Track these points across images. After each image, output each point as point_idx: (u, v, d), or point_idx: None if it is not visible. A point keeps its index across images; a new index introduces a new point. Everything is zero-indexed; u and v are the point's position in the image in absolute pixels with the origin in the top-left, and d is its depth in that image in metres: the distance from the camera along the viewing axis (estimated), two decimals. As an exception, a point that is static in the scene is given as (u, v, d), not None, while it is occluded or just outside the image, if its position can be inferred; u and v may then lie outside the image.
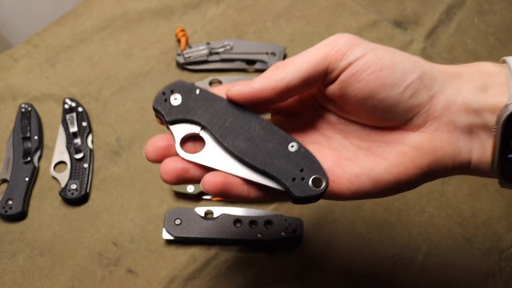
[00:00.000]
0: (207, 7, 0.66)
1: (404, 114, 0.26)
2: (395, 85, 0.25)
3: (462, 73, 0.26)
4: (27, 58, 0.61)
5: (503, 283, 0.46)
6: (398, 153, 0.26)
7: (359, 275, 0.46)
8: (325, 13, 0.66)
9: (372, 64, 0.25)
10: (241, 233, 0.47)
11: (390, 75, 0.25)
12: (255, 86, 0.27)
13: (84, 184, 0.50)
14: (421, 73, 0.25)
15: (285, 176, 0.27)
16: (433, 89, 0.25)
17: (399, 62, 0.25)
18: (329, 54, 0.26)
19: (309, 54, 0.26)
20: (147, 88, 0.59)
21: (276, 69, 0.27)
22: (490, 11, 0.67)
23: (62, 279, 0.46)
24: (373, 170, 0.27)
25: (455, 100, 0.25)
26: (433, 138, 0.26)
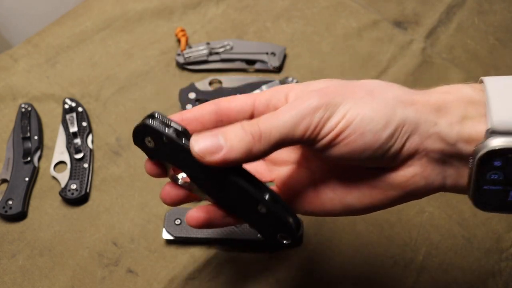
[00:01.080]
0: (207, 7, 0.66)
1: (379, 163, 0.27)
2: (365, 148, 0.25)
3: (440, 106, 0.26)
4: (27, 58, 0.61)
5: (503, 283, 0.46)
6: (370, 185, 0.28)
7: (359, 275, 0.46)
8: (325, 13, 0.66)
9: (342, 132, 0.25)
10: (241, 233, 0.47)
11: (359, 140, 0.25)
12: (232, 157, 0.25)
13: (84, 184, 0.50)
14: (393, 127, 0.25)
15: (261, 230, 0.30)
16: (406, 134, 0.25)
17: (370, 124, 0.25)
18: (306, 133, 0.25)
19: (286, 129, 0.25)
20: (147, 88, 0.59)
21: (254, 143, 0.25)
22: (490, 11, 0.67)
23: (62, 279, 0.46)
24: (345, 198, 0.29)
25: (429, 135, 0.26)
26: (405, 175, 0.27)
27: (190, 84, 0.58)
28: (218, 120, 0.29)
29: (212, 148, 0.25)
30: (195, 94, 0.57)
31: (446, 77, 0.60)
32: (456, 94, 0.27)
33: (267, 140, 0.25)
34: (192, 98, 0.56)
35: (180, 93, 0.57)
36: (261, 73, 0.61)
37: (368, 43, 0.63)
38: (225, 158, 0.25)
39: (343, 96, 0.26)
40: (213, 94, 0.57)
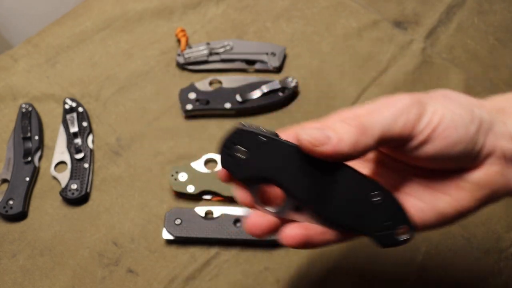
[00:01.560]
0: (207, 7, 0.66)
1: (465, 162, 0.28)
2: (458, 142, 0.27)
3: (504, 108, 0.29)
4: (27, 58, 0.61)
5: (502, 282, 0.46)
6: (458, 188, 0.29)
7: (359, 275, 0.46)
8: (325, 13, 0.66)
9: (437, 127, 0.26)
10: (241, 233, 0.47)
11: (453, 134, 0.26)
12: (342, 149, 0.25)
13: (84, 184, 0.51)
14: (478, 123, 0.27)
15: (370, 230, 0.27)
16: (485, 131, 0.27)
17: (460, 118, 0.27)
18: (405, 129, 0.26)
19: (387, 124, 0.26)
20: (147, 88, 0.59)
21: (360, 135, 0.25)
22: (490, 11, 0.67)
23: (63, 279, 0.46)
24: (438, 205, 0.29)
25: (502, 134, 0.28)
26: (488, 173, 0.28)
27: (190, 84, 0.58)
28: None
29: (322, 139, 0.25)
30: (195, 94, 0.57)
31: (446, 77, 0.60)
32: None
33: (371, 134, 0.25)
34: (192, 98, 0.56)
35: (180, 93, 0.57)
36: (261, 73, 0.61)
37: (368, 43, 0.63)
38: (335, 149, 0.25)
39: (427, 98, 0.28)
40: (213, 94, 0.57)
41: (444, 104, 0.27)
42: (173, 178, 0.50)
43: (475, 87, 0.60)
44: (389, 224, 0.27)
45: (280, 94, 0.57)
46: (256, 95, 0.56)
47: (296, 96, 0.58)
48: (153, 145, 0.54)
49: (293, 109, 0.58)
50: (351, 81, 0.60)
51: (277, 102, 0.57)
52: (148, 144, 0.55)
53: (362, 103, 0.60)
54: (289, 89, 0.57)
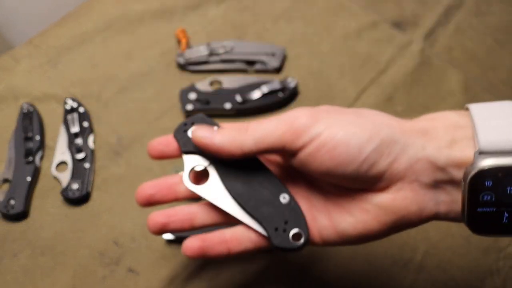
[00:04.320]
0: (208, 8, 0.67)
1: (364, 183, 0.27)
2: (350, 162, 0.26)
3: (427, 130, 0.26)
4: (28, 59, 0.62)
5: (501, 281, 0.46)
6: (362, 210, 0.28)
7: (358, 274, 0.47)
8: (325, 14, 0.67)
9: (325, 144, 0.26)
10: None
11: (344, 153, 0.25)
12: (215, 142, 0.29)
13: (85, 184, 0.51)
14: (378, 143, 0.25)
15: (269, 224, 0.29)
16: (393, 153, 0.26)
17: (354, 136, 0.25)
18: (284, 135, 0.27)
19: (268, 128, 0.28)
20: (147, 89, 0.59)
21: (239, 133, 0.28)
22: (488, 13, 0.67)
23: (64, 278, 0.46)
24: (339, 225, 0.29)
25: (418, 158, 0.26)
26: (396, 198, 0.27)
27: (190, 85, 0.58)
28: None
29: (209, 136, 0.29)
30: (196, 94, 0.57)
31: (445, 78, 0.61)
32: (443, 121, 0.27)
33: (251, 136, 0.28)
34: (193, 99, 0.57)
35: (181, 94, 0.57)
36: (261, 73, 0.61)
37: (367, 44, 0.64)
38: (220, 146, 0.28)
39: (329, 112, 0.27)
40: (214, 95, 0.57)
41: (342, 122, 0.26)
42: (173, 178, 0.50)
43: (474, 87, 0.60)
44: (287, 226, 0.29)
45: (280, 94, 0.57)
46: (256, 96, 0.57)
47: (296, 96, 0.59)
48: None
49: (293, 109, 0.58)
50: (351, 81, 0.60)
51: (277, 103, 0.57)
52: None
53: (362, 103, 0.60)
54: (289, 89, 0.57)
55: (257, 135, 0.27)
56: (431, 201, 0.26)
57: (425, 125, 0.27)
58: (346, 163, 0.26)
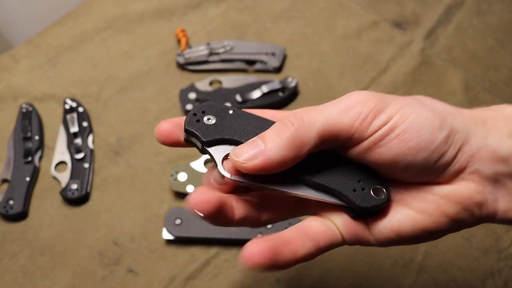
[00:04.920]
0: (207, 8, 0.67)
1: (429, 174, 0.24)
2: (421, 149, 0.23)
3: (486, 120, 0.25)
4: (28, 59, 0.61)
5: (502, 282, 0.46)
6: (423, 200, 0.25)
7: (359, 275, 0.46)
8: (325, 14, 0.66)
9: (395, 127, 0.23)
10: (241, 232, 0.47)
11: (415, 138, 0.23)
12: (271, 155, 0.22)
13: (84, 184, 0.51)
14: (448, 131, 0.24)
15: (345, 188, 0.25)
16: (458, 143, 0.24)
17: (426, 122, 0.23)
18: (354, 124, 0.23)
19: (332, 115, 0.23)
20: (147, 89, 0.59)
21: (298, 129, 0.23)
22: (489, 12, 0.67)
23: (63, 279, 0.46)
24: (395, 219, 0.25)
25: (480, 148, 0.24)
26: (459, 188, 0.25)
27: (190, 84, 0.58)
28: None
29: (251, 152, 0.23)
30: (195, 94, 0.57)
31: (446, 78, 0.61)
32: (500, 112, 0.25)
33: (310, 128, 0.23)
34: (192, 98, 0.56)
35: (181, 93, 0.57)
36: (261, 73, 0.61)
37: (367, 43, 0.64)
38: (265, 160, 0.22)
39: (392, 97, 0.24)
40: (213, 94, 0.57)
41: (411, 105, 0.24)
42: (172, 178, 0.50)
43: (475, 87, 0.60)
44: (363, 184, 0.25)
45: (280, 94, 0.57)
46: (256, 95, 0.57)
47: (296, 96, 0.59)
48: (154, 145, 0.54)
49: (293, 109, 0.58)
50: (351, 81, 0.60)
51: (277, 102, 0.57)
52: (148, 144, 0.55)
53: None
54: (289, 89, 0.57)
55: (320, 125, 0.23)
56: (492, 195, 0.25)
57: (483, 115, 0.25)
58: (417, 150, 0.23)
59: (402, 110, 0.23)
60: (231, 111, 0.27)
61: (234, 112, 0.27)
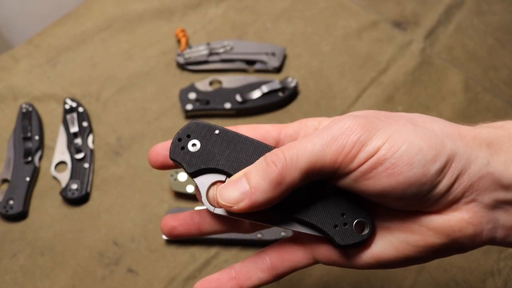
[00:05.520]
0: (207, 8, 0.67)
1: (420, 204, 0.23)
2: (412, 183, 0.21)
3: (491, 141, 0.22)
4: (28, 59, 0.61)
5: (502, 282, 0.46)
6: (408, 231, 0.24)
7: (359, 275, 0.46)
8: (325, 14, 0.66)
9: (384, 160, 0.21)
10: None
11: (406, 172, 0.21)
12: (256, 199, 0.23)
13: (84, 184, 0.51)
14: (444, 161, 0.21)
15: (326, 223, 0.24)
16: (456, 172, 0.22)
17: (418, 154, 0.21)
18: (338, 158, 0.22)
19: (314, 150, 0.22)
20: (147, 88, 0.59)
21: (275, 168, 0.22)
22: (489, 12, 0.67)
23: (63, 279, 0.46)
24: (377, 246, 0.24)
25: (481, 177, 0.22)
26: (450, 219, 0.23)
27: (190, 84, 0.58)
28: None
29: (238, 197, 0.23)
30: (195, 94, 0.57)
31: (446, 77, 0.61)
32: (508, 129, 0.23)
33: (294, 169, 0.22)
34: (193, 98, 0.56)
35: (180, 93, 0.57)
36: (261, 73, 0.61)
37: (367, 43, 0.63)
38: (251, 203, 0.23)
39: (383, 121, 0.22)
40: (213, 94, 0.57)
41: (403, 131, 0.22)
42: (172, 178, 0.50)
43: (475, 87, 0.60)
44: (346, 218, 0.24)
45: (280, 94, 0.57)
46: (256, 95, 0.57)
47: (296, 96, 0.59)
48: (153, 145, 0.54)
49: (293, 109, 0.58)
50: (351, 81, 0.60)
51: (277, 102, 0.57)
52: (148, 144, 0.55)
53: (362, 103, 0.60)
54: (289, 89, 0.57)
55: (303, 164, 0.22)
56: (489, 223, 0.23)
57: (489, 135, 0.23)
58: (407, 184, 0.21)
59: (392, 139, 0.21)
60: (217, 131, 0.26)
61: (220, 133, 0.26)
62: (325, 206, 0.24)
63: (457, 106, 0.58)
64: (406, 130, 0.22)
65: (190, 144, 0.26)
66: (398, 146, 0.21)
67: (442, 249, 0.23)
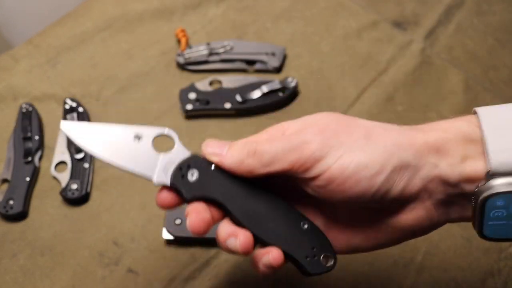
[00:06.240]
0: (207, 8, 0.67)
1: (378, 205, 0.27)
2: (362, 194, 0.25)
3: (439, 146, 0.26)
4: (28, 59, 0.61)
5: (502, 282, 0.46)
6: (375, 229, 0.29)
7: (359, 275, 0.46)
8: (325, 14, 0.66)
9: (335, 178, 0.25)
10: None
11: (354, 187, 0.25)
12: (225, 164, 0.28)
13: (84, 184, 0.51)
14: (389, 172, 0.25)
15: (299, 254, 0.29)
16: (405, 178, 0.25)
17: (365, 169, 0.25)
18: (294, 164, 0.26)
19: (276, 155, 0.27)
20: (147, 89, 0.59)
21: (247, 156, 0.27)
22: (489, 12, 0.67)
23: (63, 279, 0.46)
24: (352, 240, 0.30)
25: (431, 178, 0.26)
26: (408, 218, 0.27)
27: (190, 84, 0.58)
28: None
29: (217, 151, 0.29)
30: (195, 94, 0.57)
31: (446, 78, 0.61)
32: (454, 133, 0.26)
33: (258, 160, 0.27)
34: (193, 98, 0.56)
35: (180, 93, 0.57)
36: (261, 73, 0.61)
37: (367, 43, 0.64)
38: (222, 162, 0.28)
39: (338, 138, 0.26)
40: (213, 94, 0.57)
41: (355, 150, 0.25)
42: (173, 178, 0.50)
43: (475, 87, 0.60)
44: (316, 251, 0.29)
45: (280, 94, 0.57)
46: (256, 95, 0.57)
47: (296, 96, 0.59)
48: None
49: (293, 109, 0.58)
50: (351, 81, 0.60)
51: (277, 102, 0.57)
52: (148, 144, 0.55)
53: (362, 103, 0.60)
54: (289, 89, 0.57)
55: (265, 160, 0.27)
56: (443, 214, 0.27)
57: (437, 140, 0.26)
58: (358, 195, 0.26)
59: (341, 159, 0.25)
60: (213, 166, 0.29)
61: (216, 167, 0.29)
62: (300, 239, 0.29)
63: (457, 106, 0.58)
64: (357, 147, 0.26)
65: (189, 174, 0.29)
66: (346, 165, 0.25)
67: (405, 239, 0.29)
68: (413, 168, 0.25)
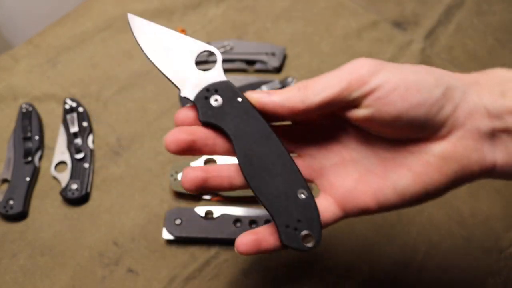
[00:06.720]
0: (207, 8, 0.67)
1: (430, 128, 0.26)
2: (422, 104, 0.25)
3: (479, 81, 0.27)
4: (28, 59, 0.61)
5: (502, 282, 0.46)
6: (423, 162, 0.27)
7: (359, 275, 0.46)
8: (325, 14, 0.66)
9: (397, 86, 0.25)
10: (241, 232, 0.47)
11: (416, 95, 0.25)
12: (275, 100, 0.27)
13: (84, 184, 0.51)
14: (445, 87, 0.26)
15: (281, 220, 0.27)
16: (456, 100, 0.26)
17: (423, 80, 0.26)
18: (351, 82, 0.26)
19: (331, 80, 0.27)
20: (147, 88, 0.59)
21: (298, 90, 0.27)
22: (489, 12, 0.67)
23: (63, 279, 0.46)
24: (398, 183, 0.27)
25: (476, 107, 0.26)
26: (458, 146, 0.26)
27: (190, 85, 0.58)
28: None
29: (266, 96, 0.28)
30: (195, 94, 0.57)
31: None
32: (491, 74, 0.27)
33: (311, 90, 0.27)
34: (192, 98, 0.56)
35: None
36: (261, 73, 0.61)
37: (367, 43, 0.64)
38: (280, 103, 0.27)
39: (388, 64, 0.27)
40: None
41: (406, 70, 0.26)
42: (172, 178, 0.50)
43: (475, 87, 0.60)
44: (299, 225, 0.27)
45: (280, 94, 0.57)
46: (256, 95, 0.57)
47: (296, 96, 0.59)
48: (153, 145, 0.54)
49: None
50: (351, 81, 0.60)
51: (277, 102, 0.57)
52: (148, 144, 0.55)
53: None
54: (289, 89, 0.57)
55: (320, 87, 0.26)
56: (490, 151, 0.26)
57: (475, 78, 0.27)
58: (419, 105, 0.25)
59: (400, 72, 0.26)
60: (239, 99, 0.28)
61: (242, 101, 0.28)
62: (289, 207, 0.27)
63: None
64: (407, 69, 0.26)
65: (213, 98, 0.28)
66: (406, 76, 0.26)
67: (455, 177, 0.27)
68: (461, 92, 0.26)
